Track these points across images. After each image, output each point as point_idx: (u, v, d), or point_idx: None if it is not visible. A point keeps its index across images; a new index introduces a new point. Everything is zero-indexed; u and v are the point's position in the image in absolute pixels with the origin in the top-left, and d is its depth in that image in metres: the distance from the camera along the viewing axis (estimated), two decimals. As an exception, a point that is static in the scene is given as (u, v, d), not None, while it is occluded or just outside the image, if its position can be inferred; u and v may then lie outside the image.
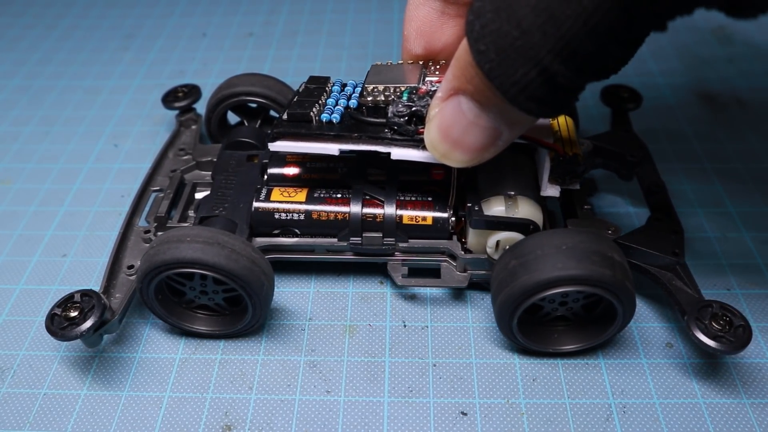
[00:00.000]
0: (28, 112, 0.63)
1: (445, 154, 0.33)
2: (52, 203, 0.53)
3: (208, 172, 0.48)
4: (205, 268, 0.36)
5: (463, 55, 0.28)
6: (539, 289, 0.35)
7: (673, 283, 0.38)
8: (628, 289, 0.35)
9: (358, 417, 0.37)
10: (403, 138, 0.37)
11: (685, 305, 0.37)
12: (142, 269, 0.37)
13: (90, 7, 0.80)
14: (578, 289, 0.35)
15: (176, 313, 0.40)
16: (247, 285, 0.37)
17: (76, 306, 0.36)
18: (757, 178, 0.51)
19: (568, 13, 0.24)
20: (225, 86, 0.51)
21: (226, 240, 0.37)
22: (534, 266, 0.35)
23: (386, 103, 0.38)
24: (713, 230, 0.47)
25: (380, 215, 0.41)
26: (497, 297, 0.36)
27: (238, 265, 0.36)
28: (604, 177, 0.50)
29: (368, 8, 0.77)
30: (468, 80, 0.29)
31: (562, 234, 0.36)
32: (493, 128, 0.31)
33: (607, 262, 0.34)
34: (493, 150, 0.32)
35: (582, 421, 0.36)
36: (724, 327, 0.35)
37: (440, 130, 0.32)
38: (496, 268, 0.37)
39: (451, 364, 0.40)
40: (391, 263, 0.42)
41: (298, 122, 0.39)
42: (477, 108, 0.30)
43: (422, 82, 0.38)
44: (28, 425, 0.38)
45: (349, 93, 0.41)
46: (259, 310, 0.39)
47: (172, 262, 0.36)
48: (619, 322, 0.37)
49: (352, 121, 0.39)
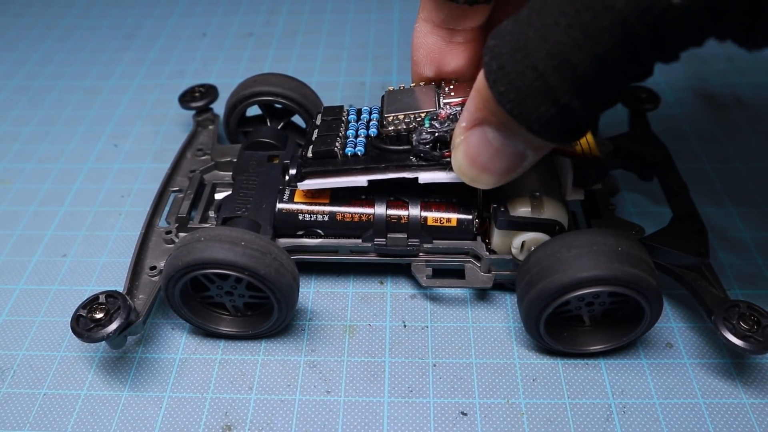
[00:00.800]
0: (28, 112, 0.63)
1: (474, 179, 0.34)
2: (52, 203, 0.53)
3: (227, 173, 0.48)
4: (253, 276, 0.36)
5: (484, 90, 0.29)
6: (572, 288, 0.35)
7: (699, 283, 0.38)
8: (657, 290, 0.35)
9: (358, 417, 0.37)
10: (429, 163, 0.37)
11: (712, 305, 0.36)
12: (184, 260, 0.36)
13: (90, 7, 0.80)
14: (611, 289, 0.35)
15: (193, 308, 0.40)
16: (284, 297, 0.37)
17: (102, 307, 0.36)
18: (757, 178, 0.51)
19: (581, 57, 0.25)
20: (246, 86, 0.50)
21: (277, 252, 0.37)
22: (565, 265, 0.35)
23: (408, 131, 0.38)
24: (713, 230, 0.47)
25: (405, 216, 0.41)
26: (525, 296, 0.36)
27: (284, 280, 0.37)
28: (623, 177, 0.50)
29: (368, 8, 0.77)
30: (491, 113, 0.30)
31: (591, 234, 0.36)
32: (519, 153, 0.32)
33: (638, 262, 0.34)
34: (520, 171, 0.33)
35: (582, 421, 0.36)
36: (752, 327, 0.35)
37: (467, 157, 0.33)
38: (524, 268, 0.37)
39: (451, 364, 0.40)
40: (415, 264, 0.42)
41: (324, 158, 0.39)
42: (502, 137, 0.31)
43: (440, 106, 0.38)
44: (28, 425, 0.38)
45: (365, 120, 0.41)
46: (282, 319, 0.39)
47: (224, 263, 0.35)
48: (646, 322, 0.37)
49: (376, 151, 0.39)
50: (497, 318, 0.42)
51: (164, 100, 0.63)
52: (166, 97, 0.64)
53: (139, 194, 0.53)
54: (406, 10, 0.76)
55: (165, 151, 0.57)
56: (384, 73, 0.65)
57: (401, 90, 0.41)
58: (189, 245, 0.36)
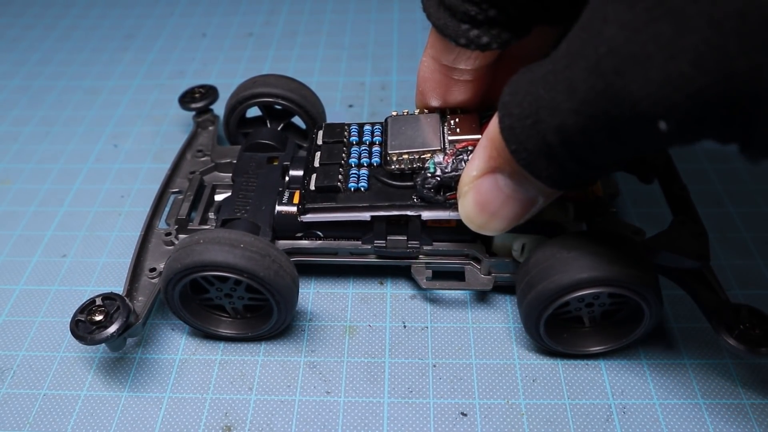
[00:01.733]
0: (28, 112, 0.63)
1: (482, 225, 0.34)
2: (52, 203, 0.53)
3: (227, 174, 0.48)
4: (252, 278, 0.36)
5: (498, 141, 0.29)
6: (571, 290, 0.35)
7: (699, 286, 0.38)
8: (656, 291, 0.35)
9: (358, 418, 0.37)
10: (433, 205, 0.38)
11: (713, 308, 0.36)
12: (183, 263, 0.36)
13: (90, 7, 0.80)
14: (610, 290, 0.35)
15: (192, 311, 0.40)
16: (283, 300, 0.37)
17: (101, 310, 0.36)
18: (757, 178, 0.51)
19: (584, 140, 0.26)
20: (245, 87, 0.50)
21: (276, 255, 0.37)
22: (565, 266, 0.35)
23: (412, 170, 0.39)
24: (713, 230, 0.47)
25: (404, 218, 0.40)
26: (525, 297, 0.36)
27: (283, 282, 0.37)
28: (624, 179, 0.50)
29: (368, 8, 0.77)
30: (505, 162, 0.30)
31: (590, 236, 0.36)
32: (531, 198, 0.32)
33: (638, 264, 0.34)
34: (529, 215, 0.33)
35: (582, 421, 0.36)
36: (753, 330, 0.35)
37: (478, 204, 0.33)
38: (524, 269, 0.37)
39: (451, 365, 0.40)
40: (415, 266, 0.42)
41: (327, 193, 0.39)
42: (514, 184, 0.31)
43: (445, 143, 0.38)
44: (28, 426, 0.38)
45: (368, 142, 0.42)
46: (281, 321, 0.39)
47: (223, 265, 0.35)
48: (645, 324, 0.37)
49: (379, 185, 0.39)
50: (497, 318, 0.42)
51: (164, 101, 0.63)
52: (166, 97, 0.63)
53: (139, 194, 0.53)
54: (406, 10, 0.76)
55: (165, 151, 0.57)
56: (384, 73, 0.65)
57: (405, 117, 0.41)
58: (188, 248, 0.36)
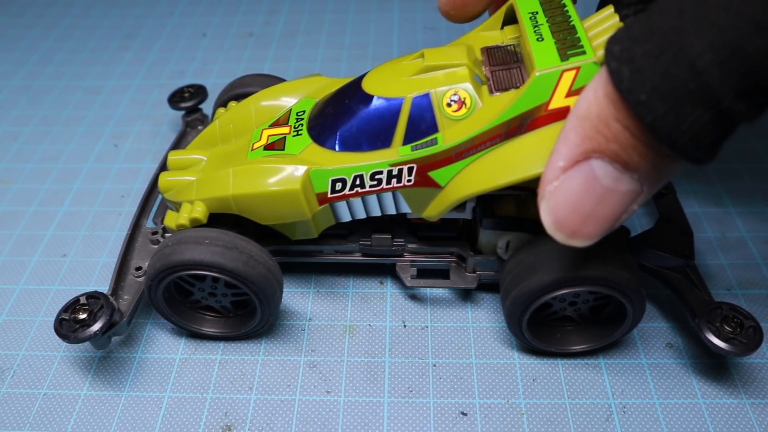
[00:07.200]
0: (28, 112, 0.63)
1: (572, 234, 0.28)
2: (52, 203, 0.53)
3: None
4: (221, 272, 0.36)
5: (600, 110, 0.25)
6: (553, 288, 0.35)
7: (683, 285, 0.38)
8: (639, 290, 0.35)
9: (358, 417, 0.37)
10: None
11: (695, 307, 0.37)
12: (155, 267, 0.37)
13: (90, 7, 0.80)
14: (592, 289, 0.35)
15: (183, 314, 0.40)
16: (260, 291, 0.37)
17: (84, 308, 0.36)
18: (757, 178, 0.51)
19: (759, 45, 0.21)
20: (235, 86, 0.50)
21: (245, 246, 0.37)
22: (548, 265, 0.35)
23: None
24: (713, 230, 0.47)
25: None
26: (509, 294, 0.36)
27: (255, 272, 0.36)
28: None
29: (368, 8, 0.77)
30: (610, 138, 0.25)
31: None
32: (634, 191, 0.26)
33: (621, 263, 0.34)
34: (625, 218, 0.27)
35: (582, 421, 0.36)
36: (735, 329, 0.35)
37: (567, 205, 0.27)
38: (508, 267, 0.37)
39: (451, 364, 0.40)
40: (400, 264, 0.42)
41: None
42: (617, 171, 0.26)
43: None
44: (28, 425, 0.38)
45: None
46: (267, 315, 0.39)
47: (189, 263, 0.36)
48: (628, 323, 0.37)
49: None
50: (497, 318, 0.42)
51: (164, 100, 0.63)
52: (166, 97, 0.63)
53: (139, 194, 0.53)
54: (406, 10, 0.76)
55: (165, 151, 0.57)
56: (384, 73, 0.65)
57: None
58: (159, 252, 0.37)
